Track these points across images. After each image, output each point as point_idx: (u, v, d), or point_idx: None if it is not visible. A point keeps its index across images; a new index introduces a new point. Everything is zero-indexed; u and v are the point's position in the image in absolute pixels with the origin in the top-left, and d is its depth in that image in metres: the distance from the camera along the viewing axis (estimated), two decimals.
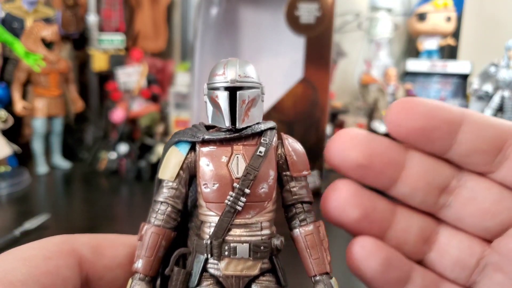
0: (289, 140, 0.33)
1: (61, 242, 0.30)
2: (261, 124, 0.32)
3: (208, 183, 0.30)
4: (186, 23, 1.54)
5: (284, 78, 0.86)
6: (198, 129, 0.32)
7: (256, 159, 0.30)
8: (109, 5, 1.32)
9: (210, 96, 0.31)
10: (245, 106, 0.30)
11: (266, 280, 0.30)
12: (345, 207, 0.30)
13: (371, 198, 0.30)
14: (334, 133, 0.32)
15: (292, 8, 0.82)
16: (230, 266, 0.30)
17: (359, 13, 1.49)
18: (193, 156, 0.32)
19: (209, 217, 0.31)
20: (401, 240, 0.30)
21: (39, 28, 1.10)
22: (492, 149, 0.28)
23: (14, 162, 1.09)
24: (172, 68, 1.41)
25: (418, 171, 0.29)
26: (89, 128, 1.32)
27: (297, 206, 0.32)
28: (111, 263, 0.32)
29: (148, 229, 0.31)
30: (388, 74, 1.35)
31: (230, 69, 0.30)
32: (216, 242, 0.30)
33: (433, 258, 0.31)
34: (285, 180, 0.32)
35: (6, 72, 1.14)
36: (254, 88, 0.31)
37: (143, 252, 0.31)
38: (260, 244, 0.30)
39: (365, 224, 0.30)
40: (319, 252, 0.30)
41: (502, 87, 1.19)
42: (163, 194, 0.32)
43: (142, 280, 0.30)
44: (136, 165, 1.12)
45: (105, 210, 0.94)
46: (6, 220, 0.85)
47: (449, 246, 0.30)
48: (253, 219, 0.30)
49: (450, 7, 1.39)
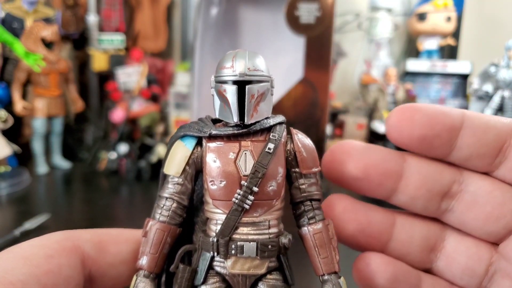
0: (299, 135, 0.32)
1: (63, 239, 0.30)
2: (270, 119, 0.31)
3: (215, 180, 0.29)
4: (186, 23, 1.53)
5: (284, 78, 0.86)
6: (205, 124, 0.31)
7: (265, 156, 0.29)
8: (109, 5, 1.32)
9: (217, 89, 0.30)
10: (254, 101, 0.29)
11: (273, 278, 0.30)
12: (339, 223, 0.29)
13: (366, 212, 0.30)
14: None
15: (292, 8, 0.82)
16: (237, 265, 0.29)
17: (359, 13, 1.49)
18: (200, 151, 0.31)
19: (216, 215, 0.30)
20: (404, 252, 0.30)
21: (39, 28, 1.10)
22: (492, 151, 0.28)
23: (14, 162, 1.09)
24: (172, 68, 1.41)
25: (417, 179, 0.29)
26: (89, 128, 1.32)
27: (305, 203, 0.31)
28: (114, 259, 0.31)
29: (153, 226, 0.30)
30: (388, 74, 1.35)
31: (239, 61, 0.29)
32: (222, 240, 0.29)
33: (441, 267, 0.30)
34: (294, 177, 0.31)
35: (6, 72, 1.14)
36: (264, 81, 0.29)
37: (147, 249, 0.30)
38: (267, 243, 0.29)
39: (362, 239, 0.29)
40: (327, 251, 0.30)
41: (502, 87, 1.19)
42: (168, 189, 0.31)
43: (146, 277, 0.29)
44: (136, 165, 1.12)
45: (105, 210, 0.94)
46: (6, 220, 0.85)
47: (456, 253, 0.29)
48: (261, 217, 0.29)
49: (450, 7, 1.39)
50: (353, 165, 0.29)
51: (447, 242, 0.30)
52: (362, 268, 0.29)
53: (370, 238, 0.29)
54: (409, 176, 0.29)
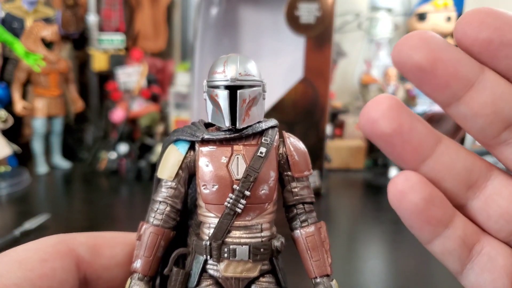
0: (291, 139, 0.32)
1: (57, 243, 0.30)
2: (262, 123, 0.31)
3: (208, 184, 0.30)
4: (186, 23, 1.53)
5: (284, 78, 0.86)
6: (197, 128, 0.31)
7: (257, 160, 0.29)
8: (109, 5, 1.32)
9: (209, 94, 0.30)
10: (246, 106, 0.29)
11: (266, 281, 0.30)
12: (380, 119, 0.26)
13: (413, 118, 0.26)
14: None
15: (292, 8, 0.82)
16: (230, 268, 0.29)
17: (359, 13, 1.49)
18: (193, 155, 0.31)
19: (209, 218, 0.30)
20: (440, 177, 0.27)
21: (39, 28, 1.10)
22: None
23: (14, 162, 1.09)
24: (172, 68, 1.41)
25: (488, 95, 0.25)
26: (89, 128, 1.32)
27: (298, 206, 0.31)
28: (109, 262, 0.31)
29: (146, 229, 0.31)
30: (388, 74, 1.35)
31: (230, 66, 0.29)
32: (215, 244, 0.29)
33: (476, 207, 0.28)
34: (286, 180, 0.31)
35: (6, 72, 1.14)
36: (255, 86, 0.30)
37: (141, 252, 0.30)
38: (260, 246, 0.29)
39: (397, 141, 0.26)
40: (319, 254, 0.30)
41: None
42: (161, 193, 0.31)
43: (141, 280, 0.30)
44: (136, 165, 1.12)
45: (105, 210, 0.94)
46: (6, 220, 0.85)
47: (498, 195, 0.27)
48: (253, 221, 0.30)
49: (450, 7, 1.39)
50: (423, 53, 0.25)
51: (491, 182, 0.28)
52: (400, 182, 0.26)
53: (406, 144, 0.26)
54: (481, 89, 0.26)
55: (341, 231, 0.79)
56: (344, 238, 0.79)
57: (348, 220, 0.90)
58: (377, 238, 0.82)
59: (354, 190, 1.16)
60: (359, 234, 0.83)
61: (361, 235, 0.82)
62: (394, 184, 0.27)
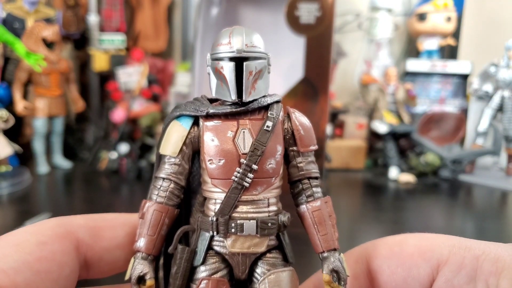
0: (296, 114, 0.31)
1: (56, 226, 0.29)
2: (268, 97, 0.30)
3: (214, 159, 0.29)
4: (186, 23, 1.54)
5: (284, 78, 0.86)
6: (201, 103, 0.30)
7: (264, 134, 0.29)
8: (110, 5, 1.32)
9: (214, 67, 0.29)
10: (252, 78, 0.29)
11: (273, 257, 0.30)
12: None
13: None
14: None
15: (292, 8, 0.83)
16: (237, 244, 0.29)
17: (359, 13, 1.49)
18: (197, 131, 0.30)
19: (215, 194, 0.30)
20: None
21: (40, 28, 1.10)
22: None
23: (15, 161, 1.10)
24: (173, 68, 1.41)
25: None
26: (90, 128, 1.32)
27: (304, 181, 0.31)
28: (110, 244, 0.31)
29: (150, 207, 0.30)
30: (388, 74, 1.35)
31: (236, 38, 0.28)
32: (222, 219, 0.29)
33: None
34: (291, 155, 0.31)
35: (7, 72, 1.14)
36: (261, 58, 0.29)
37: (145, 231, 0.29)
38: (267, 221, 0.29)
39: None
40: (326, 228, 0.30)
41: (502, 87, 1.19)
42: (165, 170, 0.30)
43: (144, 259, 0.29)
44: (136, 164, 1.12)
45: (105, 209, 0.93)
46: (7, 220, 0.85)
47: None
48: (260, 195, 0.29)
49: (450, 7, 1.39)
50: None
51: None
52: None
53: None
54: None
55: (341, 231, 0.79)
56: (344, 238, 0.79)
57: (348, 220, 0.90)
58: (377, 238, 0.82)
59: (354, 190, 1.16)
60: (359, 234, 0.83)
61: (361, 235, 0.82)
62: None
